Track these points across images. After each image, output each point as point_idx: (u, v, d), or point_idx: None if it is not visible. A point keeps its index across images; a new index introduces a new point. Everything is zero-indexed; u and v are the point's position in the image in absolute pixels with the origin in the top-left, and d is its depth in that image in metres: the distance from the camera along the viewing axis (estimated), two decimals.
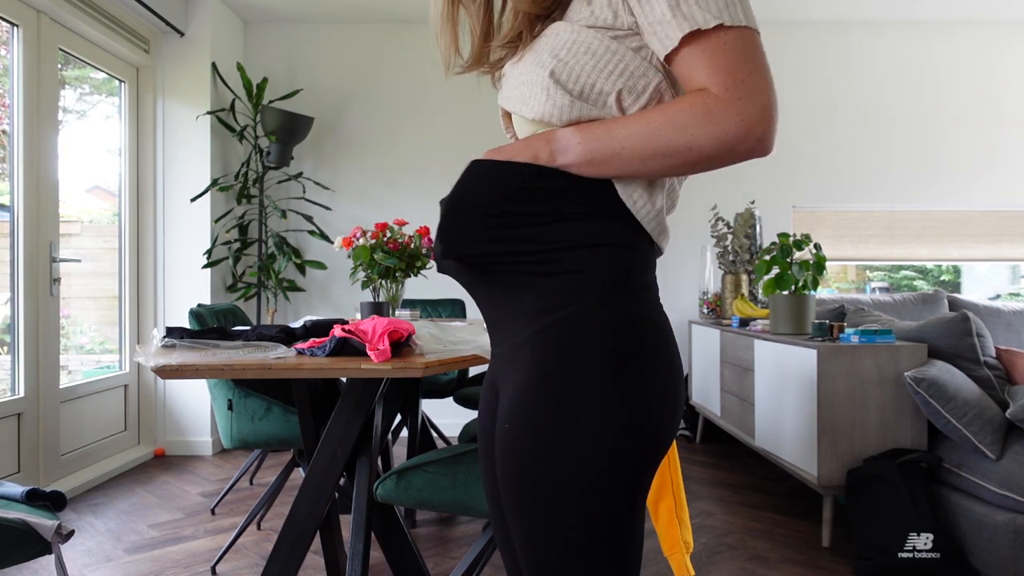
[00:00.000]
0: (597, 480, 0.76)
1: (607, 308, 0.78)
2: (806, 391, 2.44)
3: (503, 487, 0.81)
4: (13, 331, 2.85)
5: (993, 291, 4.76)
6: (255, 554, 2.41)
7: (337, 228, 4.16)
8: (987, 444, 2.09)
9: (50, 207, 3.01)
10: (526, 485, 0.78)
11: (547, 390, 0.77)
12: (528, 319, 0.81)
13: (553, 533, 0.77)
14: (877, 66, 4.34)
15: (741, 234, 3.75)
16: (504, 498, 0.82)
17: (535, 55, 0.82)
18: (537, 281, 0.80)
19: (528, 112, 0.81)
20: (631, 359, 0.78)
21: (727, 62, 0.71)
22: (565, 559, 0.77)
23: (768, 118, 0.71)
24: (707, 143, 0.72)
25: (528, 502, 0.78)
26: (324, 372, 1.33)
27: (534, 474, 0.77)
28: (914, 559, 2.12)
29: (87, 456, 3.28)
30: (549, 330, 0.79)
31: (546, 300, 0.79)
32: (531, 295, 0.80)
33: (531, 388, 0.78)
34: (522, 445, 0.78)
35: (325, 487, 1.56)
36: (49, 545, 1.42)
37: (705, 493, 3.08)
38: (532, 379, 0.78)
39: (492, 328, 0.89)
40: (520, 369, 0.80)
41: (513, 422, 0.79)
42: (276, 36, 4.28)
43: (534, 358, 0.79)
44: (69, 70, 3.40)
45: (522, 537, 0.80)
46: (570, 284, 0.79)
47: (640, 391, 0.77)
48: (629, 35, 0.78)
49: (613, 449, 0.75)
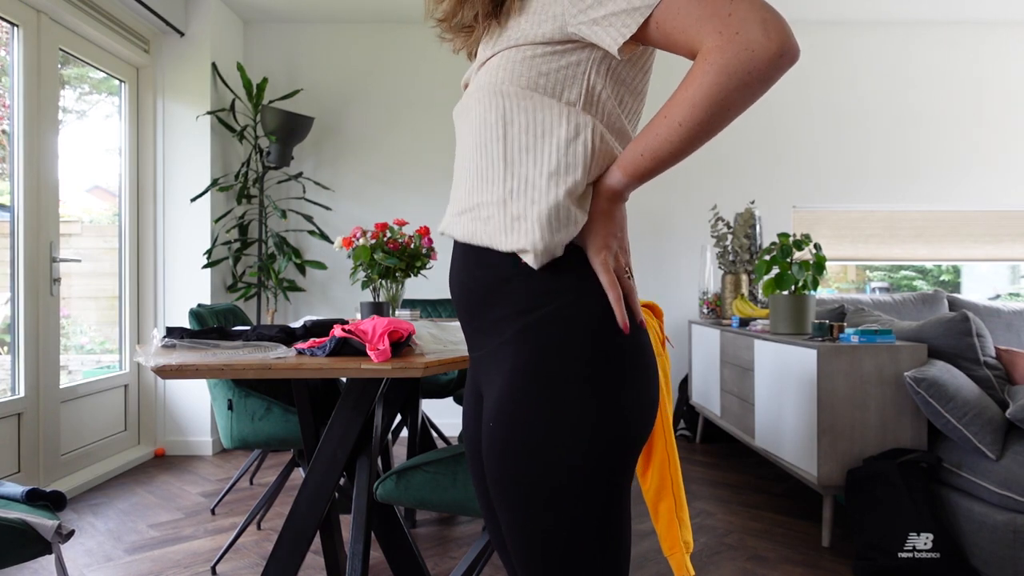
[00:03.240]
0: (584, 467, 0.78)
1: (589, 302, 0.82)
2: (806, 391, 2.44)
3: (493, 485, 0.83)
4: (13, 331, 2.85)
5: (993, 291, 4.76)
6: (255, 554, 2.41)
7: (337, 228, 4.16)
8: (987, 444, 2.09)
9: (50, 207, 3.01)
10: (516, 477, 0.80)
11: (531, 383, 0.80)
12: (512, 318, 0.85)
13: (545, 522, 0.79)
14: (878, 66, 4.34)
15: (741, 234, 3.75)
16: (495, 495, 0.84)
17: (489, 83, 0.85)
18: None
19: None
20: (611, 350, 0.81)
21: (702, 9, 0.70)
22: (557, 548, 0.79)
23: (774, 29, 0.68)
24: (739, 92, 0.70)
25: (521, 491, 0.80)
26: (324, 372, 1.33)
27: (523, 464, 0.79)
28: (914, 559, 2.12)
29: (87, 456, 3.28)
30: (532, 328, 0.81)
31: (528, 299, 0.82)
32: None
33: (514, 383, 0.80)
34: (511, 437, 0.80)
35: (325, 487, 1.56)
36: (49, 545, 1.42)
37: (705, 493, 3.08)
38: (515, 375, 0.81)
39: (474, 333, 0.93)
40: (503, 369, 0.83)
41: (498, 419, 0.81)
42: (276, 36, 4.28)
43: (517, 356, 0.81)
44: (69, 70, 3.40)
45: (515, 532, 0.81)
46: (551, 283, 0.82)
47: (619, 379, 0.81)
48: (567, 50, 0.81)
49: (596, 437, 0.78)
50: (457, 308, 0.94)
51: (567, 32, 0.79)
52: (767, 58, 0.68)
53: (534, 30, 0.81)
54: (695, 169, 4.29)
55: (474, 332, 0.91)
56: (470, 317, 0.91)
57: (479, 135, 0.85)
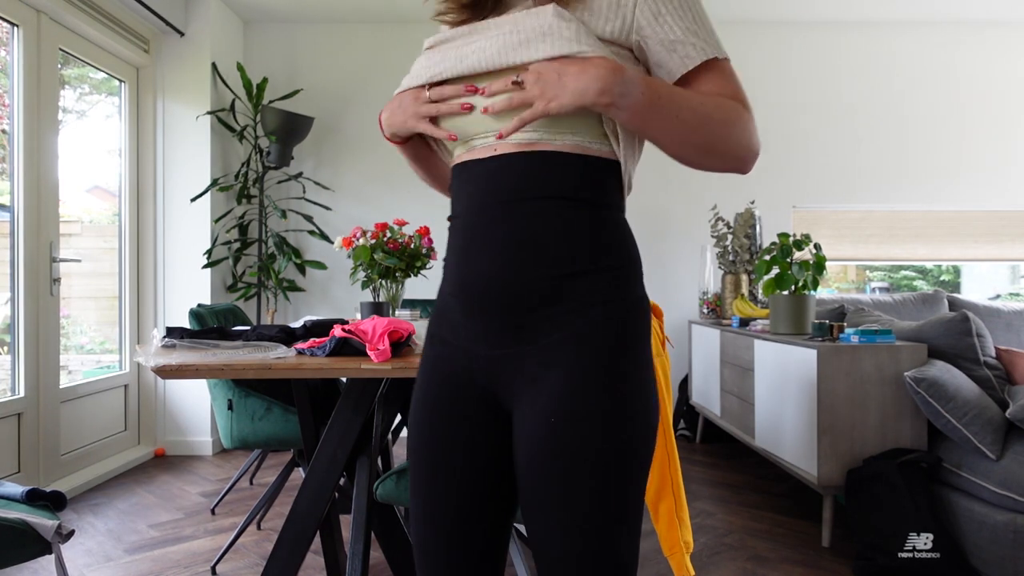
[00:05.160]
0: (648, 449, 0.85)
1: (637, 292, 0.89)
2: (806, 391, 2.44)
3: (563, 469, 0.81)
4: (13, 331, 2.85)
5: (993, 291, 4.76)
6: (255, 554, 2.41)
7: (337, 228, 4.16)
8: (987, 444, 2.09)
9: (50, 207, 3.01)
10: (624, 441, 0.82)
11: (621, 359, 0.84)
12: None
13: (633, 485, 0.84)
14: (878, 66, 4.34)
15: (741, 234, 3.75)
16: (558, 480, 0.82)
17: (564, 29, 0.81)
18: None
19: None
20: (642, 338, 0.88)
21: (738, 89, 0.86)
22: (632, 512, 0.84)
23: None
24: (736, 146, 0.86)
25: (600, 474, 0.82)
26: (324, 372, 1.33)
27: (630, 430, 0.83)
28: (914, 559, 2.12)
29: (87, 456, 3.28)
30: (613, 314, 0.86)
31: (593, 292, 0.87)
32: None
33: (597, 368, 0.83)
34: (613, 410, 0.83)
35: (325, 487, 1.56)
36: (49, 545, 1.42)
37: (705, 493, 3.08)
38: (601, 355, 0.83)
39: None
40: (570, 356, 0.83)
41: (591, 392, 0.82)
42: (276, 36, 4.28)
43: (599, 336, 0.84)
44: (69, 70, 3.40)
45: (596, 500, 0.81)
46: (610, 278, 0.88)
47: (650, 365, 0.88)
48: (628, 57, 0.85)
49: (653, 422, 0.86)
50: (478, 308, 0.87)
51: (631, 40, 0.84)
52: (756, 151, 0.90)
53: (597, 22, 0.83)
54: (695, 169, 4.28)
55: (507, 329, 0.86)
56: (509, 315, 0.85)
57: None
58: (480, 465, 0.90)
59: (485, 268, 0.86)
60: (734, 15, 4.21)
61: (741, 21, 4.29)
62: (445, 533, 0.90)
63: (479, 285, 0.87)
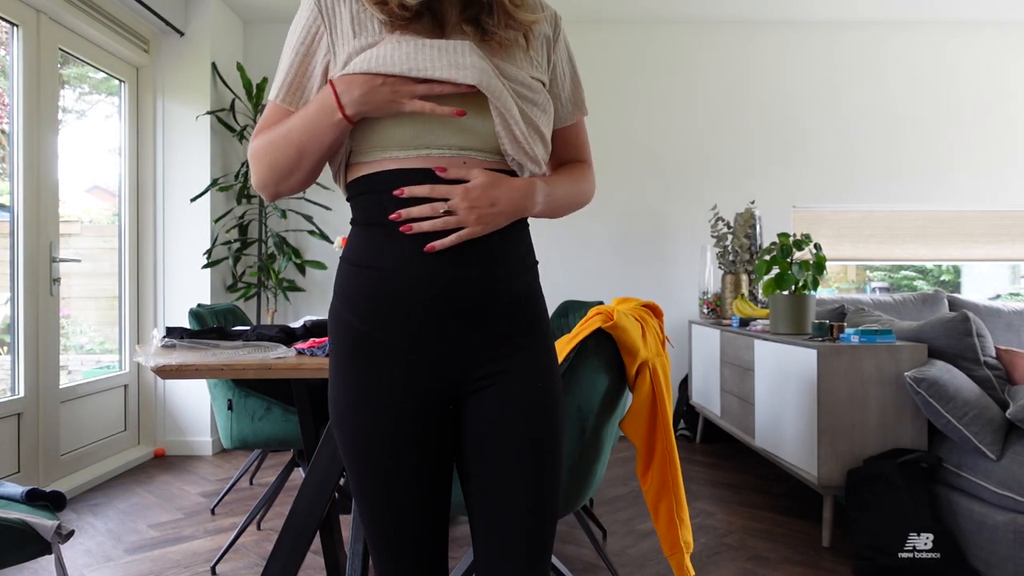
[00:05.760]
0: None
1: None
2: (806, 391, 2.44)
3: (532, 440, 0.95)
4: (13, 331, 2.85)
5: (993, 291, 4.76)
6: (255, 554, 2.41)
7: (337, 228, 4.16)
8: (987, 444, 2.09)
9: (50, 207, 3.01)
10: (554, 433, 0.98)
11: (553, 362, 1.02)
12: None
13: (558, 474, 0.99)
14: (878, 66, 4.34)
15: (741, 234, 3.75)
16: (525, 451, 0.95)
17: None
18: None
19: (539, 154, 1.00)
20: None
21: (587, 141, 1.15)
22: (559, 493, 1.00)
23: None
24: (589, 199, 1.13)
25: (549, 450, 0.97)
26: (324, 372, 1.33)
27: (557, 421, 0.99)
28: (914, 559, 2.12)
29: (87, 456, 3.28)
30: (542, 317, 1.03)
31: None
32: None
33: (549, 365, 1.00)
34: (557, 397, 1.00)
35: (325, 487, 1.56)
36: (49, 545, 1.42)
37: (705, 493, 3.08)
38: (546, 357, 1.01)
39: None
40: (532, 355, 0.98)
41: (551, 391, 0.98)
42: (276, 36, 4.28)
43: (543, 342, 1.01)
44: (69, 69, 3.40)
45: (543, 486, 0.96)
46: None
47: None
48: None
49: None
50: (448, 319, 0.93)
51: (544, 80, 1.03)
52: (593, 194, 1.15)
53: (531, 69, 1.00)
54: (695, 169, 4.29)
55: (484, 339, 0.96)
56: (480, 324, 0.95)
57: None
58: (432, 458, 0.96)
59: (449, 271, 0.93)
60: (734, 15, 4.22)
61: (741, 21, 4.29)
62: (422, 527, 0.97)
63: (454, 287, 0.95)
